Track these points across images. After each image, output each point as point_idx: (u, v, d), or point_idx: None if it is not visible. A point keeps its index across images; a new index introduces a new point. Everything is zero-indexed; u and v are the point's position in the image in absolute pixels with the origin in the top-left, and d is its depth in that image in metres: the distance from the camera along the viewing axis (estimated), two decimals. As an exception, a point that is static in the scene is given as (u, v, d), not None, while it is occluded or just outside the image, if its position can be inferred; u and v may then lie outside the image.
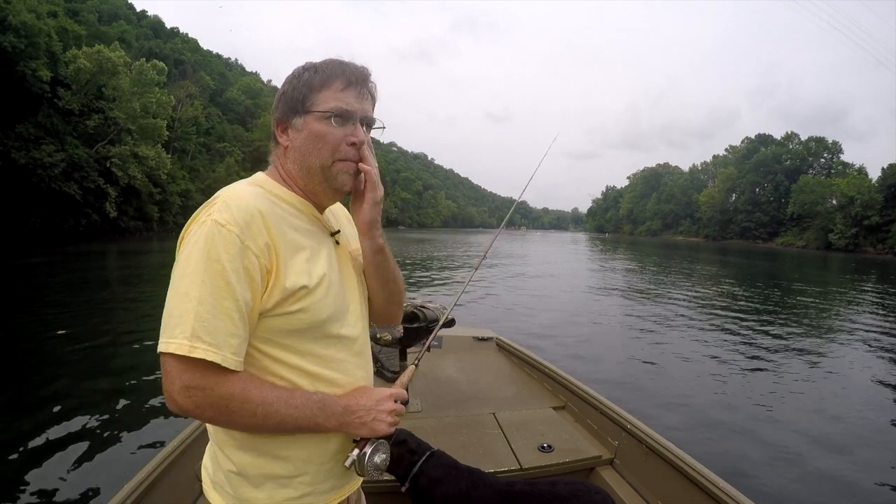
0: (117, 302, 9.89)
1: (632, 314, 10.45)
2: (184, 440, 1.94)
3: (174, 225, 43.57)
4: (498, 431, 2.36)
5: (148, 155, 33.52)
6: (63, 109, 30.72)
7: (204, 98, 59.71)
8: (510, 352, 3.63)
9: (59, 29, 32.53)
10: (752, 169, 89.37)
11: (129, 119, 32.98)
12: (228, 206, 0.85)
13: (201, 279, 0.81)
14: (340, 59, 0.96)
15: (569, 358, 6.27)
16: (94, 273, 15.31)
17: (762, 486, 3.44)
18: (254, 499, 0.94)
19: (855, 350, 8.03)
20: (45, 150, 27.75)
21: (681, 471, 1.84)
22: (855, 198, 62.25)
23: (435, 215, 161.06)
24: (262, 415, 0.85)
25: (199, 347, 0.80)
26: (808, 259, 43.04)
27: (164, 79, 36.72)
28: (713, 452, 3.81)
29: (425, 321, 2.50)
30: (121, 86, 32.84)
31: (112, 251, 22.86)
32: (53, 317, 8.03)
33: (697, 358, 7.04)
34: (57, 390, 4.81)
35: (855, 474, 3.76)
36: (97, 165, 31.39)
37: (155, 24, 68.30)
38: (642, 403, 4.74)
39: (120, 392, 4.73)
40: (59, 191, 28.37)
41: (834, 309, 13.01)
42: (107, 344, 6.57)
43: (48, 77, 28.13)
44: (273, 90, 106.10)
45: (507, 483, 1.66)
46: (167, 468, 1.77)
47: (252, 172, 1.01)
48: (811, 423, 4.74)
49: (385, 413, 0.97)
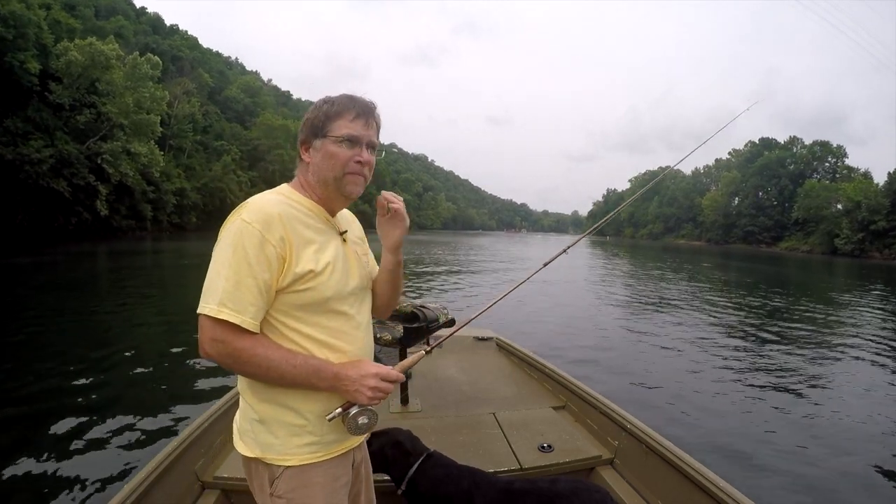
0: (102, 308, 9.33)
1: (633, 315, 10.33)
2: (184, 440, 1.91)
3: (169, 224, 42.58)
4: (498, 431, 2.36)
5: (140, 151, 32.47)
6: (54, 104, 29.80)
7: (202, 96, 58.81)
8: (510, 352, 3.63)
9: (51, 22, 31.67)
10: (756, 173, 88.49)
11: (122, 114, 31.98)
12: (253, 209, 1.11)
13: (230, 263, 1.08)
14: (352, 95, 1.22)
15: (569, 358, 6.22)
16: (83, 273, 14.52)
17: (762, 487, 3.41)
18: (271, 443, 1.17)
19: (862, 354, 7.80)
20: (34, 146, 26.77)
21: (681, 471, 1.82)
22: (861, 202, 61.59)
23: (435, 217, 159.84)
24: (265, 367, 1.10)
25: (224, 311, 1.06)
26: (813, 264, 42.68)
27: (159, 73, 35.67)
28: (713, 452, 3.79)
29: (425, 321, 2.47)
30: (113, 80, 31.87)
31: (102, 252, 21.74)
32: (42, 319, 7.84)
33: (698, 358, 6.99)
34: (57, 390, 4.78)
35: (857, 475, 3.72)
36: (88, 162, 30.38)
37: (154, 21, 67.30)
38: (642, 403, 4.70)
39: (120, 392, 4.73)
40: (47, 188, 27.37)
41: (841, 312, 12.73)
42: (105, 346, 6.48)
43: (37, 69, 27.18)
44: (273, 90, 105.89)
45: (507, 481, 1.66)
46: (167, 468, 1.75)
47: (249, 171, 1.03)
48: (813, 424, 4.69)
49: (366, 388, 1.15)
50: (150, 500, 1.64)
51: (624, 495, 1.96)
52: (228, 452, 2.06)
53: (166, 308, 9.46)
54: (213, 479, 1.93)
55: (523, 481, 1.68)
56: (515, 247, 47.85)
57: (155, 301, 10.33)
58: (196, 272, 12.94)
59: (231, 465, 1.98)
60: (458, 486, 1.62)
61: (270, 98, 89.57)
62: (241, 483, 1.81)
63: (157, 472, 1.72)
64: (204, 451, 2.04)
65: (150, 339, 7.22)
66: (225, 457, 2.05)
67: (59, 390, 4.79)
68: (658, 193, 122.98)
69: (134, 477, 1.67)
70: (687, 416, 4.68)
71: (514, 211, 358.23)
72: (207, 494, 1.90)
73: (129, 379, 5.21)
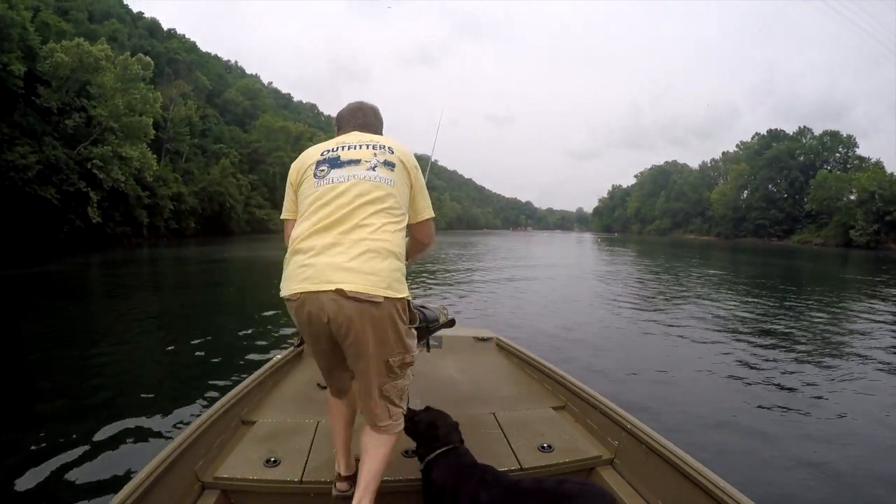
0: (98, 311, 9.37)
1: (635, 314, 9.96)
2: (184, 440, 1.92)
3: (166, 230, 41.58)
4: (498, 431, 2.37)
5: (132, 155, 31.37)
6: (41, 108, 28.81)
7: (200, 99, 57.91)
8: (510, 352, 3.64)
9: (40, 24, 30.73)
10: (765, 164, 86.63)
11: (112, 117, 30.92)
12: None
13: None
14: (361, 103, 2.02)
15: (569, 358, 6.13)
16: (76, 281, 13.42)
17: (763, 487, 3.32)
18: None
19: (875, 351, 7.36)
20: (19, 152, 25.74)
21: (681, 471, 1.83)
22: (876, 193, 60.02)
23: (440, 217, 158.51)
24: None
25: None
26: (829, 257, 41.42)
27: (150, 74, 34.57)
28: (714, 452, 3.66)
29: (425, 321, 2.39)
30: (104, 82, 30.84)
31: (95, 263, 20.36)
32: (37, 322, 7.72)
33: (703, 357, 6.84)
34: (56, 390, 4.79)
35: (859, 476, 3.62)
36: (78, 168, 29.34)
37: (151, 26, 66.30)
38: (643, 403, 4.61)
39: (119, 392, 4.70)
40: (34, 195, 26.37)
41: (857, 307, 12.09)
42: (104, 346, 6.48)
43: (21, 72, 26.14)
44: (273, 92, 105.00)
45: (514, 480, 1.71)
46: (167, 468, 1.76)
47: (249, 174, 1.10)
48: (817, 423, 4.58)
49: None
50: (150, 500, 1.62)
51: (624, 495, 1.95)
52: (228, 452, 2.07)
53: (164, 310, 9.47)
54: (214, 479, 1.90)
55: (531, 480, 1.69)
56: (519, 244, 46.49)
57: (153, 304, 10.17)
58: (189, 277, 12.28)
59: (231, 465, 1.97)
60: (467, 482, 1.67)
61: (271, 100, 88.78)
62: (241, 483, 1.88)
63: (157, 473, 1.69)
64: (204, 451, 2.02)
65: (150, 339, 7.09)
66: (225, 457, 2.04)
67: (58, 390, 4.75)
68: (665, 189, 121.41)
69: (134, 477, 1.64)
70: (687, 416, 4.59)
71: (518, 209, 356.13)
72: (207, 494, 1.87)
73: (128, 379, 5.16)
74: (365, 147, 1.75)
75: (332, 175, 1.68)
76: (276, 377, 2.95)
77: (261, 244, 34.28)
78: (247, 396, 2.52)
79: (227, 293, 12.00)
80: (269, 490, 1.88)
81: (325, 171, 1.70)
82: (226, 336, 6.90)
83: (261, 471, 1.92)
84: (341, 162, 1.71)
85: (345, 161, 1.71)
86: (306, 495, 1.90)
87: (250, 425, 2.33)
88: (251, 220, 55.53)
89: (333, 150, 1.77)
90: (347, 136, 1.83)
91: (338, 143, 1.79)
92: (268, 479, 1.89)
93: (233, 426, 2.30)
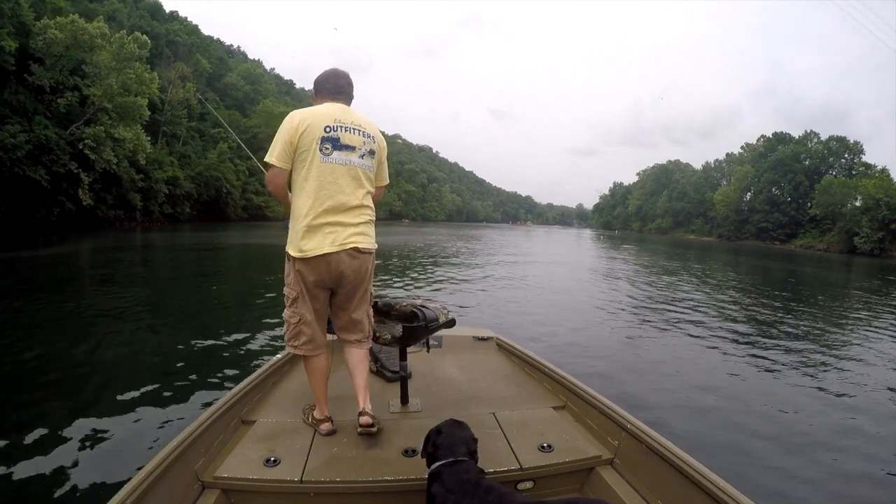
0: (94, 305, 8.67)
1: (635, 314, 9.88)
2: (184, 439, 1.92)
3: (161, 214, 40.85)
4: (498, 431, 2.37)
5: (125, 136, 30.57)
6: (34, 86, 28.00)
7: (200, 82, 56.93)
8: (510, 352, 3.63)
9: (35, 0, 29.80)
10: (770, 167, 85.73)
11: (106, 97, 30.08)
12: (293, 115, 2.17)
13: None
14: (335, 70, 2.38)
15: (569, 358, 6.07)
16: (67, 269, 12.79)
17: (763, 487, 3.31)
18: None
19: (878, 355, 7.44)
20: (9, 131, 24.99)
21: (681, 471, 1.83)
22: (882, 200, 59.39)
23: (439, 209, 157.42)
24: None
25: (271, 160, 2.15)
26: (833, 263, 40.99)
27: (147, 53, 33.63)
28: (714, 452, 3.62)
29: (425, 321, 2.44)
30: (99, 61, 29.97)
31: (85, 249, 19.46)
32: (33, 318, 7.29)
33: (703, 357, 6.88)
34: (55, 390, 4.62)
35: (859, 476, 3.61)
36: (69, 148, 28.57)
37: (153, 7, 65.01)
38: (643, 403, 4.62)
39: (119, 392, 4.52)
40: (23, 176, 25.65)
41: (862, 313, 12.01)
42: (103, 346, 6.18)
43: (12, 48, 25.34)
44: (275, 78, 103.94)
45: (519, 502, 1.64)
46: (167, 468, 1.77)
47: (248, 160, 1.18)
48: (818, 424, 4.60)
49: None
50: (150, 500, 1.62)
51: (624, 495, 1.95)
52: (228, 452, 2.06)
53: (160, 302, 9.22)
54: (213, 479, 1.90)
55: (534, 501, 1.65)
56: (519, 238, 45.78)
57: (147, 295, 9.80)
58: (186, 265, 11.27)
59: (231, 464, 1.97)
60: (464, 499, 1.61)
61: (272, 86, 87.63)
62: (241, 482, 1.88)
63: (157, 472, 1.70)
64: (204, 451, 2.02)
65: (146, 335, 6.86)
66: (225, 457, 2.03)
67: (57, 390, 4.62)
68: (667, 188, 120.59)
69: (134, 476, 1.64)
70: (688, 416, 4.60)
71: (518, 203, 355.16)
72: (207, 494, 1.87)
73: (127, 379, 5.01)
74: (358, 133, 2.21)
75: (335, 156, 2.14)
76: (275, 377, 2.95)
77: (259, 231, 33.65)
78: (247, 396, 2.53)
79: (225, 284, 11.64)
80: (269, 489, 1.87)
81: (329, 150, 2.13)
82: (225, 332, 6.57)
83: (261, 470, 1.91)
84: (341, 144, 2.16)
85: (343, 145, 2.16)
86: (306, 495, 1.88)
87: (250, 425, 2.33)
88: (248, 206, 54.82)
89: (334, 128, 2.15)
90: (343, 114, 2.21)
91: (336, 121, 2.17)
92: (268, 478, 1.88)
93: (233, 425, 2.31)
